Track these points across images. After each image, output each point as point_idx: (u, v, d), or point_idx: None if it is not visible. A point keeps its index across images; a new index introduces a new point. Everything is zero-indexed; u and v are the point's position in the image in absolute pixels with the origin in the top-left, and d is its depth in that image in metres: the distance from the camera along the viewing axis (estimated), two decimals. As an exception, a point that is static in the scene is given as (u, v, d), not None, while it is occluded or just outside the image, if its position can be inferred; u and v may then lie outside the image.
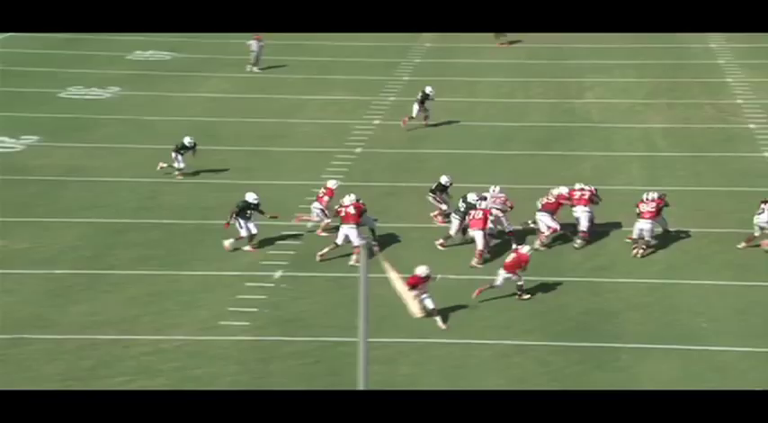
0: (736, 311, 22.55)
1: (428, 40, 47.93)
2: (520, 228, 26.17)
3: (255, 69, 43.05)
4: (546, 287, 23.79)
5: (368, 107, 37.82)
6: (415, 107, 34.90)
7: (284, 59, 44.06)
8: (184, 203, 28.85)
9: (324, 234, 26.37)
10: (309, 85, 40.99)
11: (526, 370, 20.34)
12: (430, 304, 21.78)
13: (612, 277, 24.31)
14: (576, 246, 25.68)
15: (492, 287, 22.84)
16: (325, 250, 24.94)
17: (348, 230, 24.83)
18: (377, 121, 36.35)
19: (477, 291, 22.84)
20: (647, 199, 25.26)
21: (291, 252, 25.72)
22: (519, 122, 35.96)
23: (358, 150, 33.21)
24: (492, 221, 25.51)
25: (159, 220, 27.61)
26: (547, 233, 25.74)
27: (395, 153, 33.17)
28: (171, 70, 43.32)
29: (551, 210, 25.86)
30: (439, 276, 22.56)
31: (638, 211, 25.23)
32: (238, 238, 25.63)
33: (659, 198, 25.36)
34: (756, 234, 25.18)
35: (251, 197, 25.74)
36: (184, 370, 20.25)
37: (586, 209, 25.86)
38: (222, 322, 22.24)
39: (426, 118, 35.16)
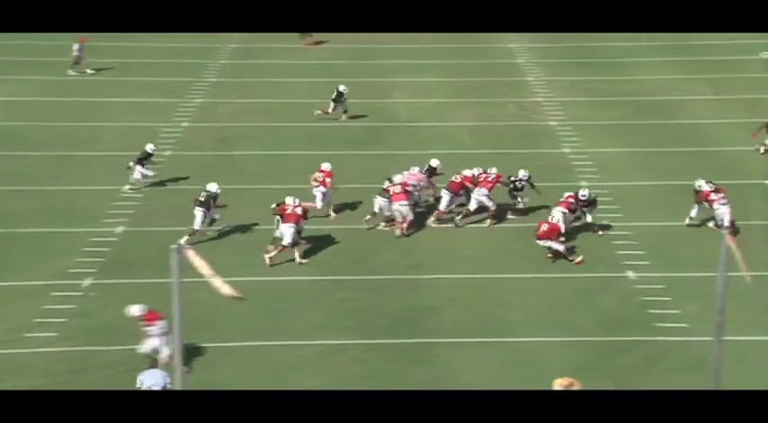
0: (546, 303, 23.05)
1: (234, 40, 47.36)
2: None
3: (72, 72, 41.50)
4: (363, 285, 23.79)
5: (175, 109, 37.03)
6: (331, 105, 35.72)
7: (93, 62, 42.62)
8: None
9: (334, 215, 27.48)
10: (115, 87, 39.86)
11: (346, 369, 20.23)
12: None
13: (429, 274, 24.49)
14: (457, 223, 26.99)
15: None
16: (273, 253, 24.66)
17: (286, 229, 24.60)
18: (185, 124, 35.64)
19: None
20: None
21: (100, 259, 24.86)
22: (329, 123, 35.88)
23: (167, 153, 32.43)
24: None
25: (-41, 230, 26.24)
26: (444, 209, 27.07)
27: (205, 155, 32.56)
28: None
29: (454, 190, 27.06)
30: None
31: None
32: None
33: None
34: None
35: (213, 187, 26.16)
36: (-10, 385, 19.21)
37: (485, 192, 26.80)
38: (27, 334, 21.28)
39: (345, 112, 35.77)
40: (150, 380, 17.55)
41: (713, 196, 26.35)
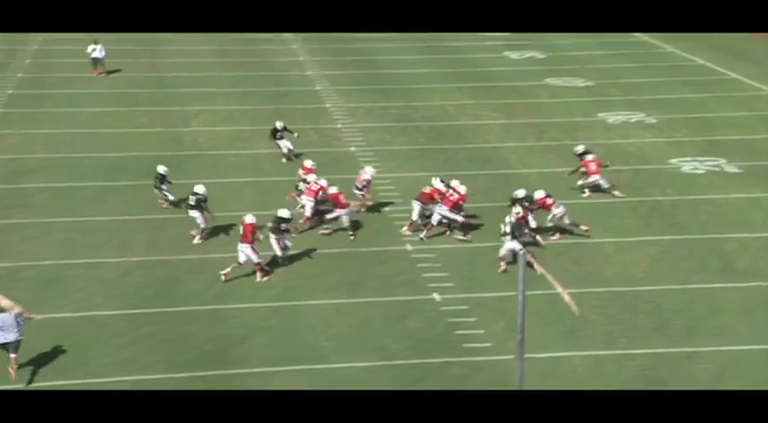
0: (354, 328, 22.95)
1: (21, 70, 45.63)
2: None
3: None
4: (169, 317, 23.13)
5: (-39, 141, 35.35)
6: (282, 146, 34.07)
7: None
8: None
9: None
10: None
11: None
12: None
13: (234, 303, 24.02)
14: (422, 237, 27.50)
15: None
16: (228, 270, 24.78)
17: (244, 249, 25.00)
18: (-28, 156, 34.05)
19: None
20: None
21: None
22: (126, 152, 34.98)
23: (-46, 187, 30.88)
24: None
25: None
26: (415, 218, 27.90)
27: (-5, 188, 31.21)
28: None
29: (425, 199, 27.96)
30: None
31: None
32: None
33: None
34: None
35: (200, 189, 27.28)
36: None
37: (446, 209, 27.31)
38: None
39: (290, 151, 34.24)
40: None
41: (549, 201, 27.40)
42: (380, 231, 28.40)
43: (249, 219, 25.26)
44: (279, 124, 34.56)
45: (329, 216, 28.01)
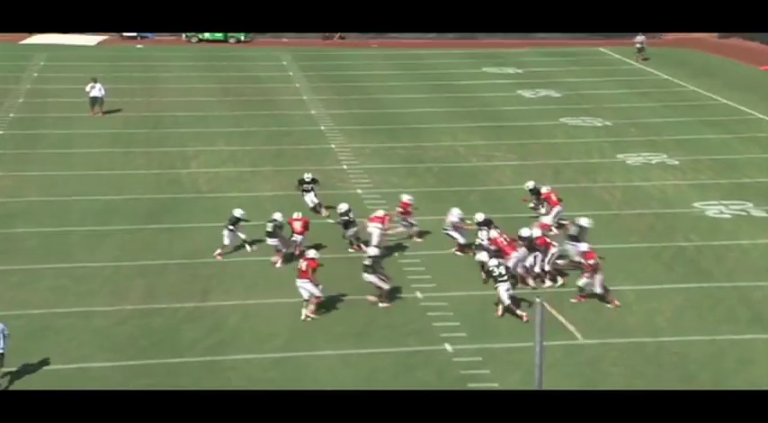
0: (359, 380, 22.59)
1: (13, 109, 45.73)
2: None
3: None
4: (165, 369, 22.79)
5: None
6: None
7: None
8: None
9: (418, 240, 30.66)
10: None
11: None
12: None
13: (234, 353, 23.69)
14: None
15: None
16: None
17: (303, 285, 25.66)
18: (-39, 199, 33.94)
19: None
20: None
21: None
22: (121, 195, 34.83)
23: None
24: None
25: None
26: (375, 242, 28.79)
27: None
28: None
29: (380, 223, 29.40)
30: None
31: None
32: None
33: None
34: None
35: (238, 212, 29.74)
36: None
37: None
38: None
39: (317, 205, 33.22)
40: None
41: (549, 240, 27.57)
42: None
43: (312, 253, 25.92)
44: (307, 176, 33.50)
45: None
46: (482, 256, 26.57)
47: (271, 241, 29.18)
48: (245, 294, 26.98)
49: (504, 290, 25.54)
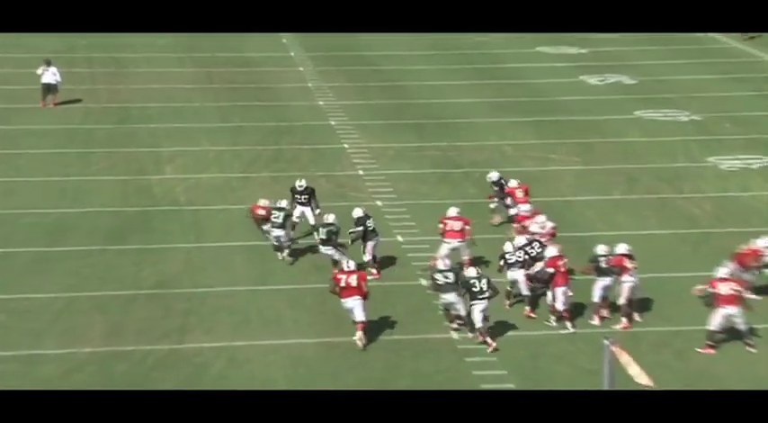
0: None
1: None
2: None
3: None
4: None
5: None
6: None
7: None
8: None
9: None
10: None
11: None
12: None
13: (218, 410, 23.69)
14: None
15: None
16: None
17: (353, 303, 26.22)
18: None
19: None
20: None
21: None
22: (78, 208, 35.07)
23: None
24: None
25: None
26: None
27: None
28: None
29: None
30: None
31: None
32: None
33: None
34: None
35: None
36: None
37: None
38: None
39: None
40: None
41: (627, 264, 27.59)
42: (417, 314, 27.99)
43: (353, 264, 26.74)
44: (299, 184, 32.76)
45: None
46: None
47: (325, 249, 29.80)
48: (233, 334, 26.98)
49: (479, 310, 26.16)
